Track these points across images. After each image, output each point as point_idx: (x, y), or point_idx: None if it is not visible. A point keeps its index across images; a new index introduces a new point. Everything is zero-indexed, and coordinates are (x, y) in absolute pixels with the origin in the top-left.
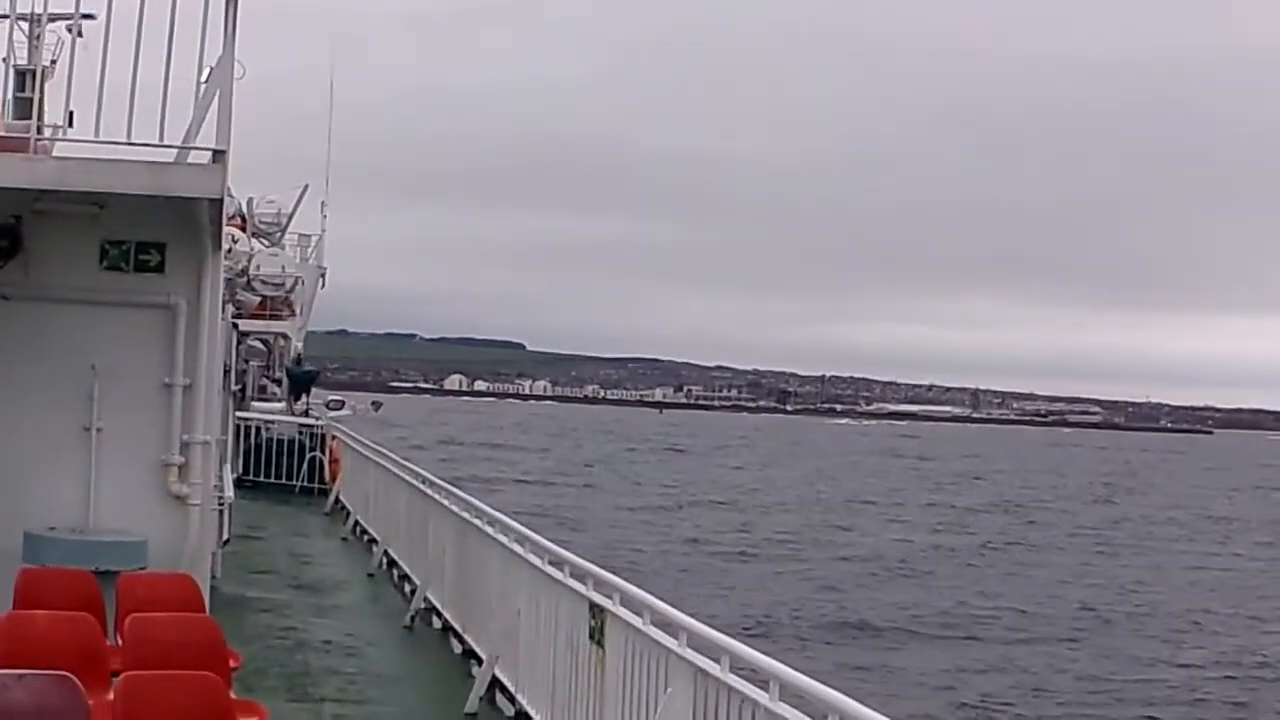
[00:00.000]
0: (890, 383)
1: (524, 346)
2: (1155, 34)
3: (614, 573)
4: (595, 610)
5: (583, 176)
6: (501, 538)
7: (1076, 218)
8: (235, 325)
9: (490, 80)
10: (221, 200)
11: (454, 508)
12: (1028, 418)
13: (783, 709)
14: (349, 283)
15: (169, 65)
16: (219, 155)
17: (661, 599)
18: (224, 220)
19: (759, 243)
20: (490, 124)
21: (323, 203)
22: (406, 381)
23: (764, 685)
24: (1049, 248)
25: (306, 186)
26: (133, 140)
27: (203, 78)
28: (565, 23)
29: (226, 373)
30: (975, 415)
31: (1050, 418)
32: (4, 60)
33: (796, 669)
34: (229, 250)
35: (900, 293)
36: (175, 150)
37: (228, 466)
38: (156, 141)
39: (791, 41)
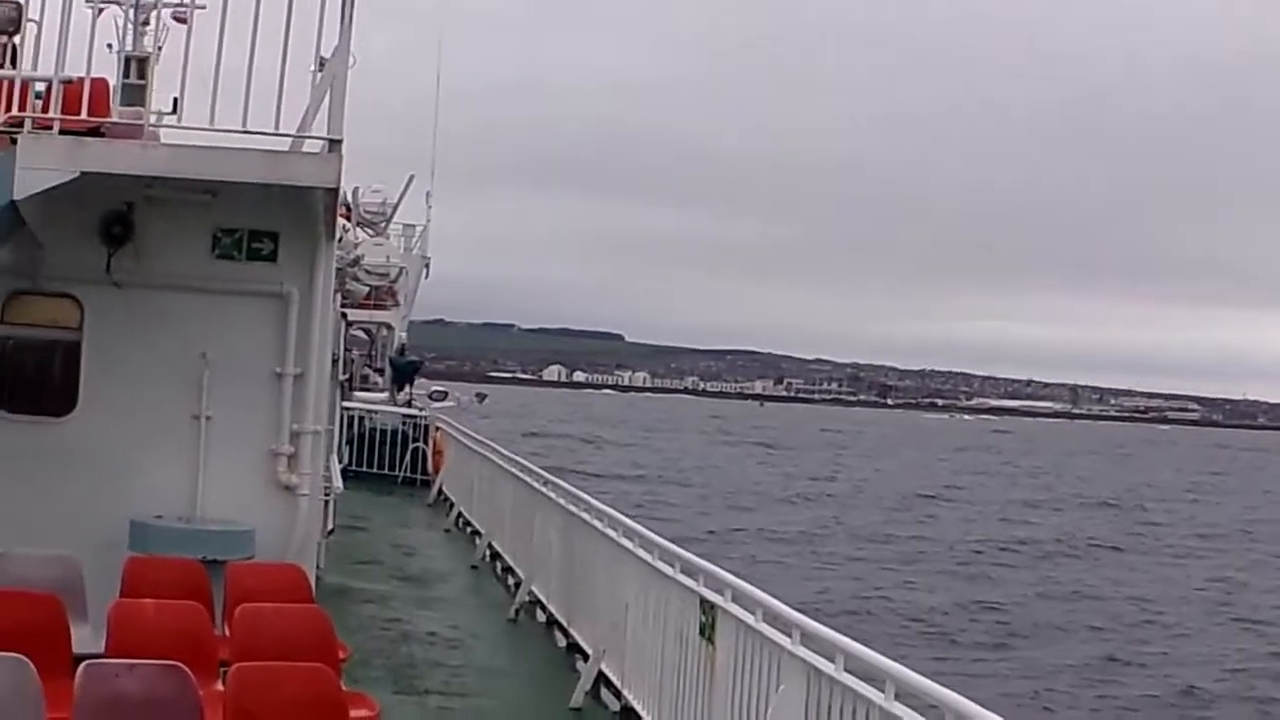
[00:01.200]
0: (989, 378)
1: (623, 338)
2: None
3: (724, 568)
4: (706, 606)
5: (676, 172)
6: (610, 532)
7: (1165, 214)
8: (344, 315)
9: (582, 74)
10: (337, 190)
11: (561, 501)
12: (1126, 414)
13: (898, 709)
14: (447, 272)
15: (286, 53)
16: (334, 145)
17: (774, 596)
18: (337, 209)
19: (855, 239)
20: (581, 119)
21: (428, 193)
22: (505, 371)
23: (879, 685)
24: (1141, 244)
25: (412, 177)
26: (247, 129)
27: (316, 66)
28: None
29: (335, 362)
30: (1075, 411)
31: (1150, 414)
32: (110, 47)
33: (911, 668)
34: (340, 239)
35: (997, 289)
36: (289, 139)
37: (335, 457)
38: (270, 130)
39: (859, 45)
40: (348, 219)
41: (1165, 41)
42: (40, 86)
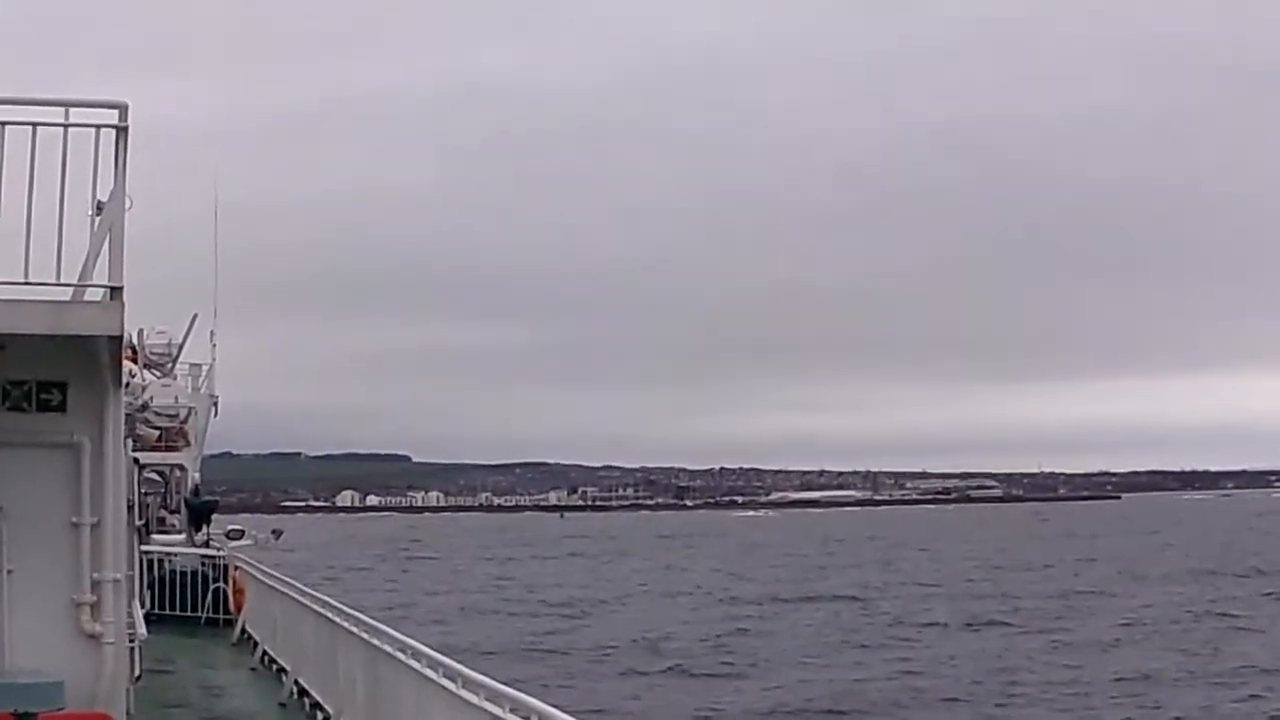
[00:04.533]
0: (780, 471)
1: (410, 458)
2: (979, 100)
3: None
4: None
5: (444, 284)
6: (413, 663)
7: (942, 292)
8: (137, 460)
9: (332, 190)
10: (121, 337)
11: (363, 634)
12: (929, 496)
13: None
14: (231, 404)
15: (63, 202)
16: (115, 292)
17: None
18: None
19: (626, 339)
20: (340, 234)
21: (211, 331)
22: (296, 500)
23: None
24: (918, 325)
25: (195, 316)
26: (29, 280)
27: (93, 210)
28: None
29: (130, 508)
30: (876, 498)
31: (951, 494)
32: None
33: None
34: (127, 385)
35: (777, 380)
36: (70, 289)
37: (136, 602)
38: (53, 280)
39: (622, 140)
40: (134, 361)
41: (897, 114)
42: None
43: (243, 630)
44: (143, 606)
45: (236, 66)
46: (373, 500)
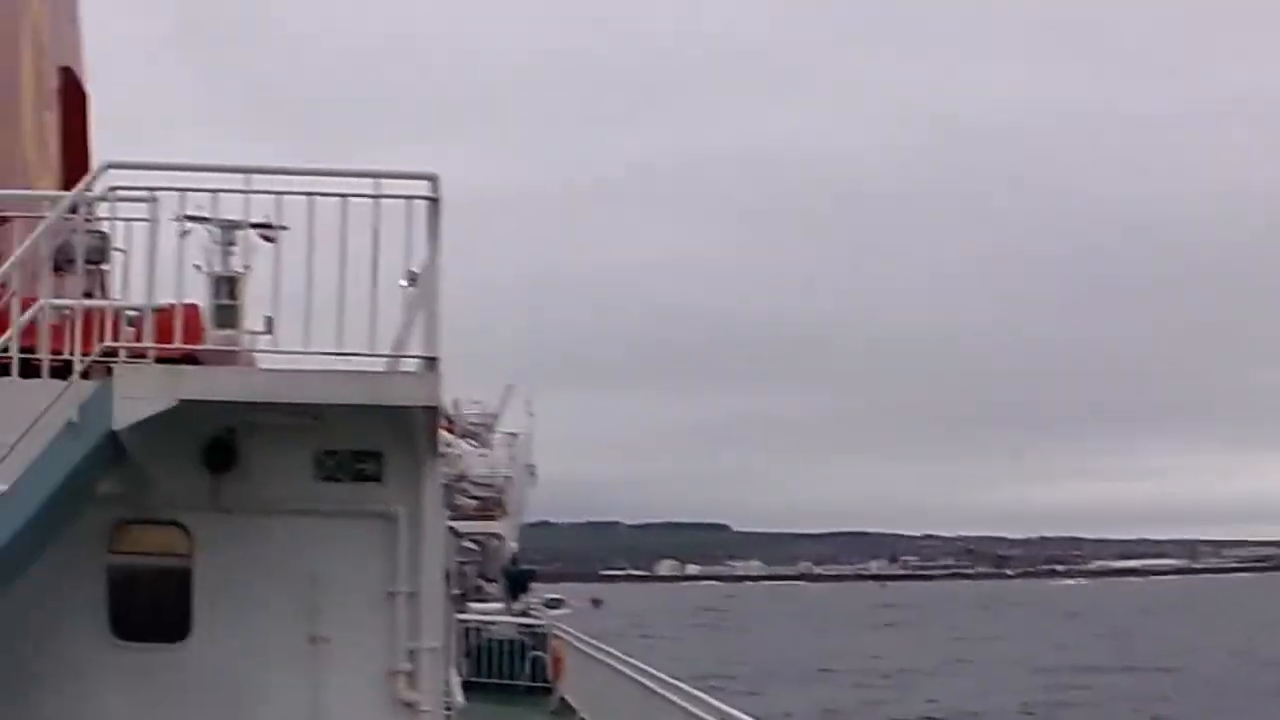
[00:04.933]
0: (1100, 539)
1: (729, 527)
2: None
3: None
4: None
5: (757, 352)
6: None
7: (1258, 354)
8: (453, 529)
9: (639, 258)
10: (437, 407)
11: (682, 702)
12: (1248, 564)
13: None
14: (548, 473)
15: (376, 272)
16: (431, 362)
17: None
18: (439, 425)
19: (943, 407)
20: (652, 302)
21: (528, 400)
22: (616, 569)
23: None
24: (1237, 390)
25: (510, 386)
26: (342, 350)
27: (406, 283)
28: (698, 198)
29: (448, 577)
30: (1195, 566)
31: (1273, 562)
32: (198, 267)
33: None
34: (444, 455)
35: (1096, 448)
36: (385, 359)
37: (454, 670)
38: (367, 351)
39: (922, 207)
40: (451, 431)
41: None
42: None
43: (561, 698)
44: (461, 674)
45: (542, 136)
46: (692, 569)
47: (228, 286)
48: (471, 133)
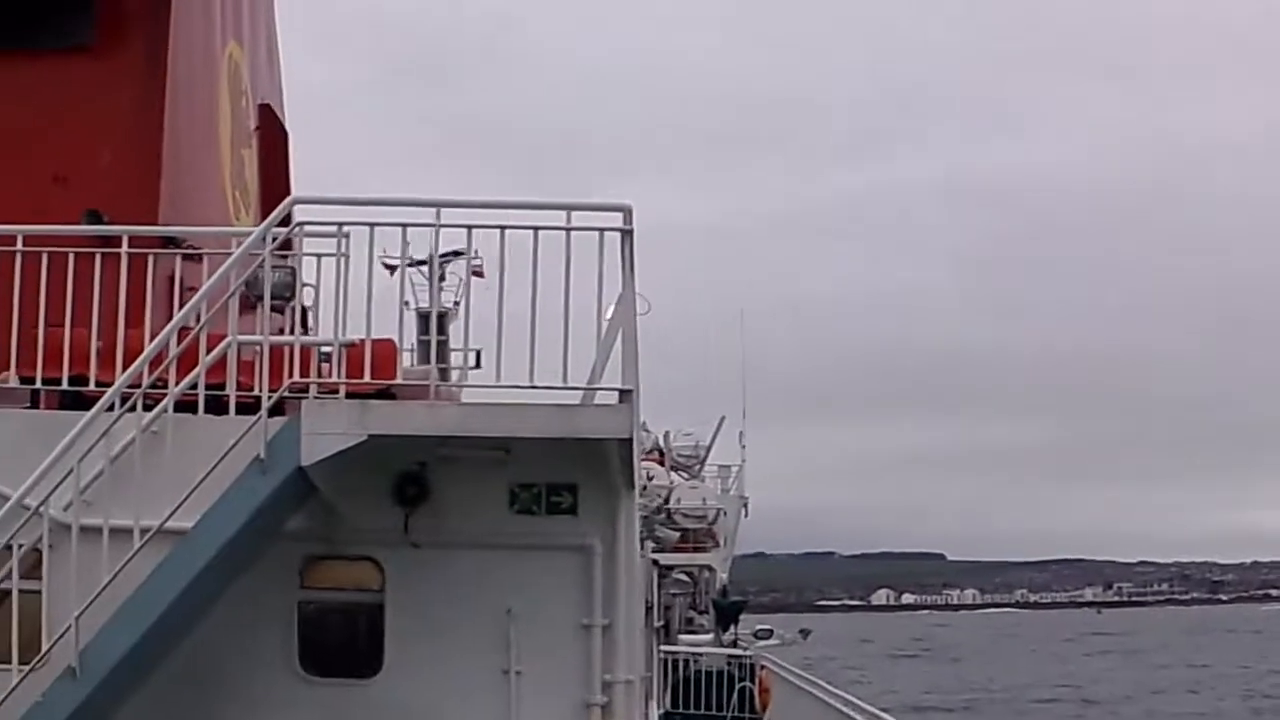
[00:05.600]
0: None
1: (944, 556)
2: None
3: None
4: None
5: (968, 381)
6: None
7: None
8: (655, 561)
9: (844, 289)
10: (631, 440)
11: None
12: None
13: None
14: (762, 505)
15: (568, 304)
16: (625, 395)
17: None
18: (636, 458)
19: (1152, 433)
20: (862, 333)
21: (740, 432)
22: (831, 600)
23: None
24: None
25: (723, 418)
26: (536, 383)
27: (605, 315)
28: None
29: (648, 610)
30: None
31: None
32: (407, 304)
33: None
34: (644, 488)
35: None
36: (579, 391)
37: (654, 704)
38: (560, 384)
39: (1127, 234)
40: (660, 463)
41: None
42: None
43: None
44: (668, 706)
45: (732, 168)
46: (908, 599)
47: (437, 322)
48: (681, 166)
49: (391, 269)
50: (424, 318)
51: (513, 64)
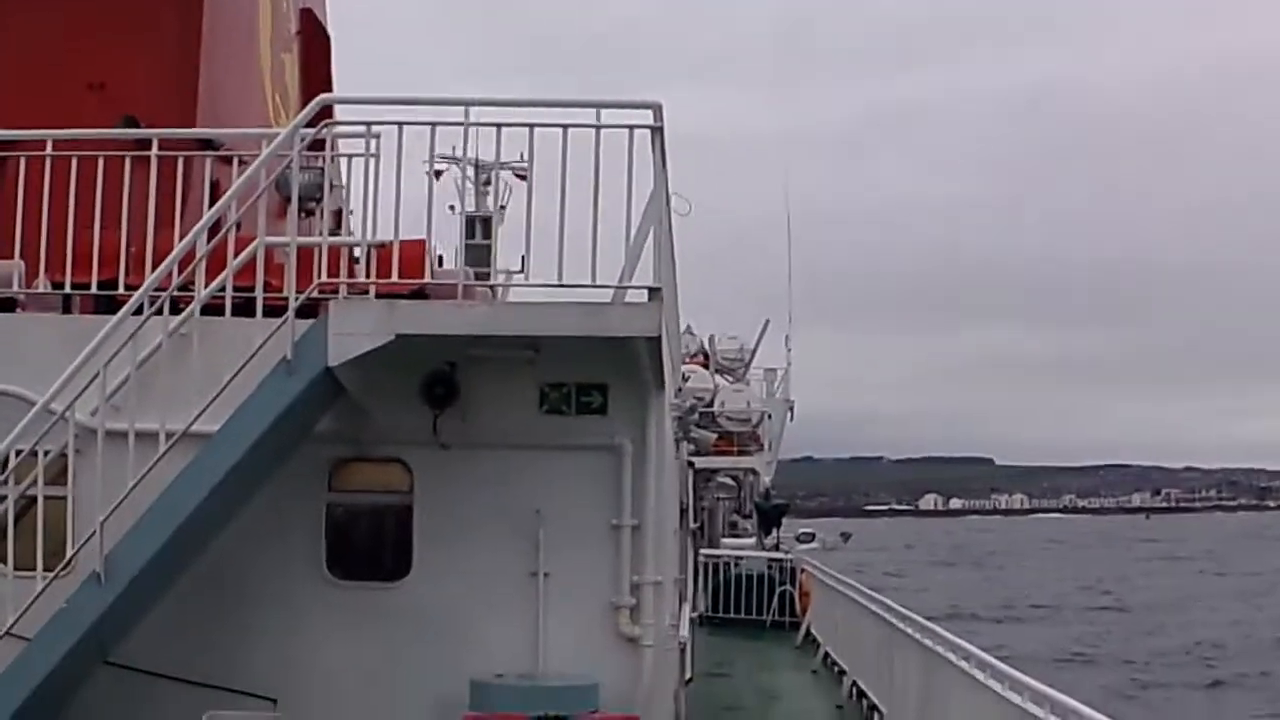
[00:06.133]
0: None
1: (993, 461)
2: None
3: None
4: None
5: (1017, 289)
6: (977, 673)
7: None
8: (691, 464)
9: (889, 199)
10: (659, 338)
11: (918, 636)
12: None
13: None
14: (809, 409)
15: (597, 202)
16: (654, 293)
17: None
18: (668, 357)
19: (1200, 341)
20: (909, 241)
21: (786, 336)
22: (879, 504)
23: None
24: None
25: (767, 322)
26: (566, 282)
27: (636, 214)
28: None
29: (684, 511)
30: None
31: None
32: (452, 208)
33: None
34: (679, 389)
35: None
36: (612, 290)
37: (686, 606)
38: (589, 282)
39: (1179, 142)
40: (705, 366)
41: None
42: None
43: (807, 632)
44: (707, 610)
45: (787, 80)
46: (955, 504)
47: (480, 225)
48: (724, 79)
49: (439, 174)
50: (470, 221)
51: None
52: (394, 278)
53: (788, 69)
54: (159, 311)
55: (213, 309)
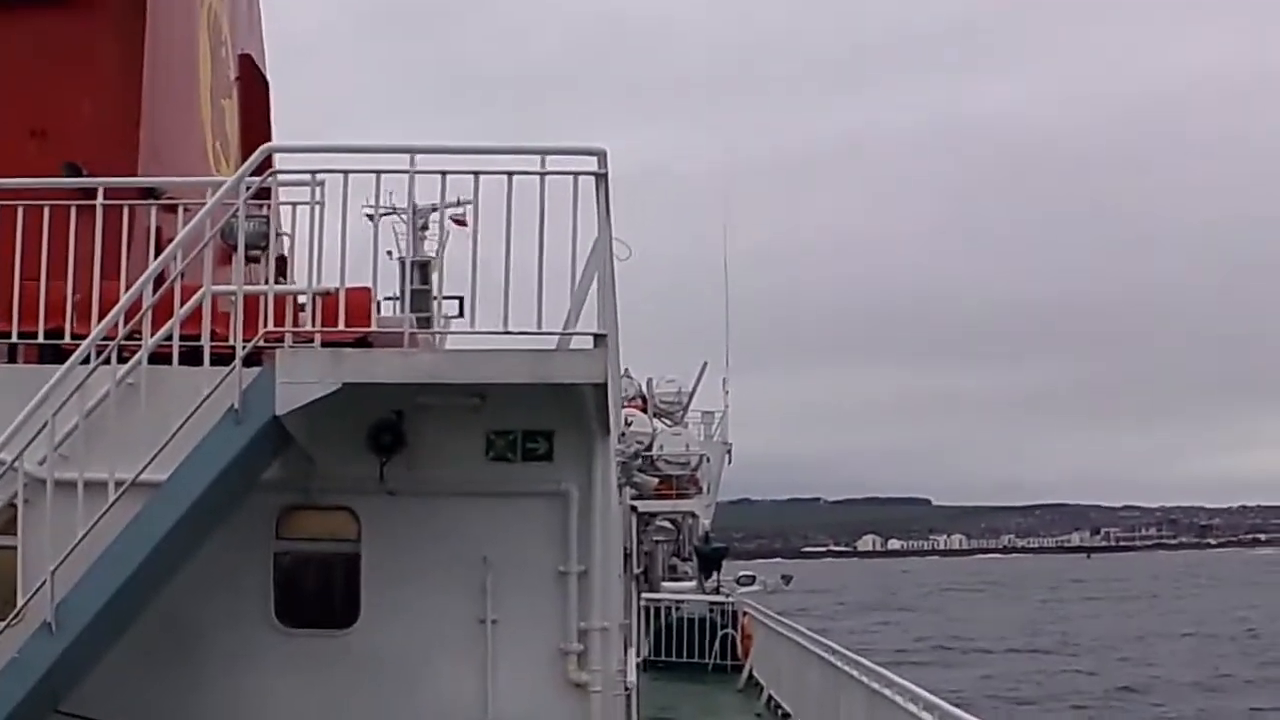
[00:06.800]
0: None
1: (930, 502)
2: None
3: None
4: None
5: (952, 327)
6: (926, 715)
7: None
8: (634, 508)
9: (836, 232)
10: (605, 385)
11: (864, 679)
12: None
13: None
14: (747, 450)
15: (542, 249)
16: (600, 339)
17: None
18: (613, 403)
19: (1134, 377)
20: (846, 279)
21: (724, 379)
22: (817, 546)
23: None
24: None
25: (705, 364)
26: (510, 329)
27: (577, 262)
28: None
29: (627, 556)
30: None
31: None
32: (390, 254)
33: None
34: (623, 434)
35: None
36: (556, 337)
37: (632, 651)
38: (534, 329)
39: (1113, 176)
40: (643, 410)
41: None
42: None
43: (749, 675)
44: (650, 654)
45: (724, 114)
46: (894, 544)
47: (419, 271)
48: (656, 116)
49: (371, 218)
50: (411, 266)
51: (495, 9)
52: (340, 325)
53: (723, 104)
54: (106, 360)
55: (158, 358)
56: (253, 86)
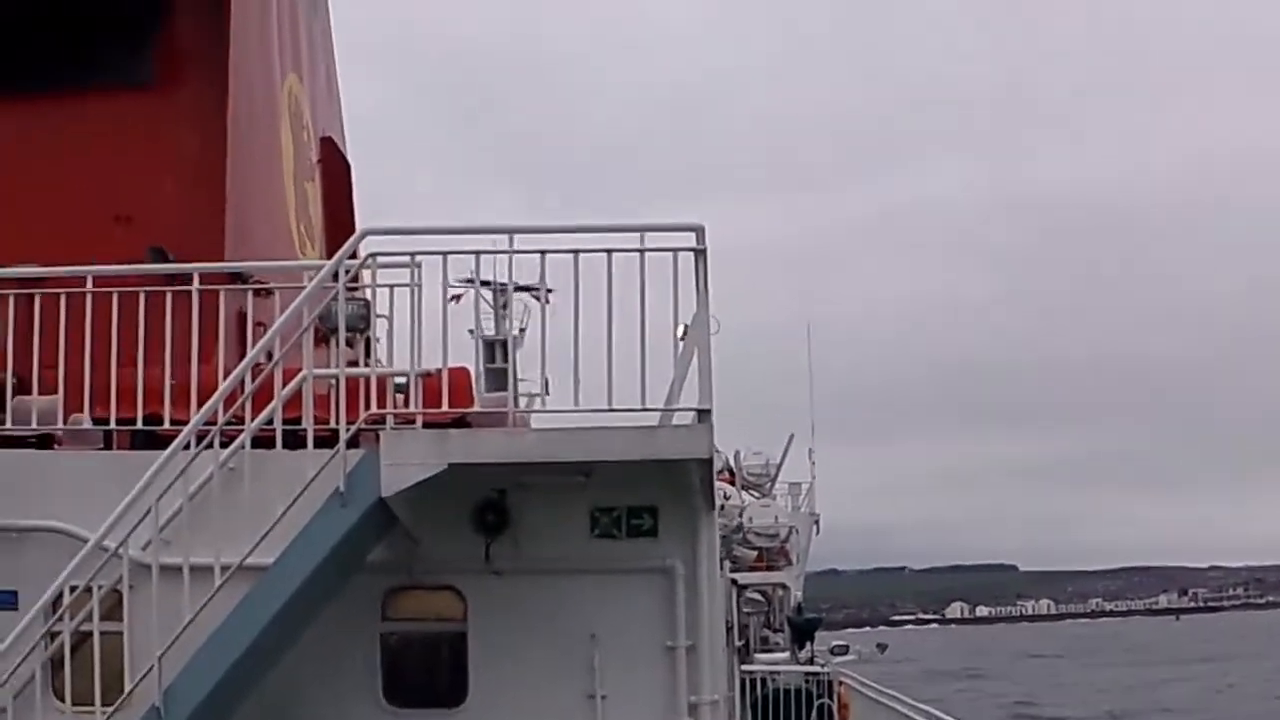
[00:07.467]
0: None
1: (1016, 568)
2: None
3: None
4: None
5: (1032, 392)
6: None
7: None
8: (734, 581)
9: (908, 301)
10: (710, 460)
11: None
12: None
13: None
14: (832, 521)
15: (644, 326)
16: (703, 415)
17: None
18: (714, 477)
19: (1213, 439)
20: (926, 346)
21: (809, 449)
22: (905, 614)
23: None
24: None
25: (792, 435)
26: (614, 406)
27: (679, 336)
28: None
29: (729, 629)
30: None
31: None
32: (470, 332)
33: None
34: (722, 507)
35: None
36: (658, 413)
37: None
38: (637, 405)
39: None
40: (731, 482)
41: None
42: (401, 380)
43: None
44: None
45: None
46: (982, 611)
47: (500, 349)
48: (739, 193)
49: (457, 298)
50: (490, 345)
51: (560, 86)
52: (444, 406)
53: (782, 177)
54: (209, 445)
55: (259, 442)
56: (334, 169)
